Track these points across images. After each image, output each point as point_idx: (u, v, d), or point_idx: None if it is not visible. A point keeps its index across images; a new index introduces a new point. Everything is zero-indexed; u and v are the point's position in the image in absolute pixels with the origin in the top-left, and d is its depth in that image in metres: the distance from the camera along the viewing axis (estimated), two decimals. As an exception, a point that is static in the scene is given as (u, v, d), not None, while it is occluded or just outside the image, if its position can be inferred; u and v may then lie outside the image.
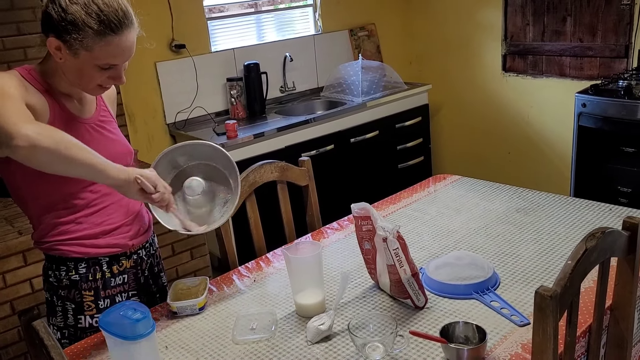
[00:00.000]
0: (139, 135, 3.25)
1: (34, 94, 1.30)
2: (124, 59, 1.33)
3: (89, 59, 1.29)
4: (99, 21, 1.25)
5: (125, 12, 1.29)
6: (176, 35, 3.27)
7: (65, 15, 1.25)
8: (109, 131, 1.47)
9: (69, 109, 1.38)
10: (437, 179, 2.29)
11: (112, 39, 1.27)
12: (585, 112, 2.85)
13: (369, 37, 4.16)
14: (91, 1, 1.25)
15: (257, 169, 1.93)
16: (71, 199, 1.39)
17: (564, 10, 3.33)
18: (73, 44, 1.26)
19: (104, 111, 1.49)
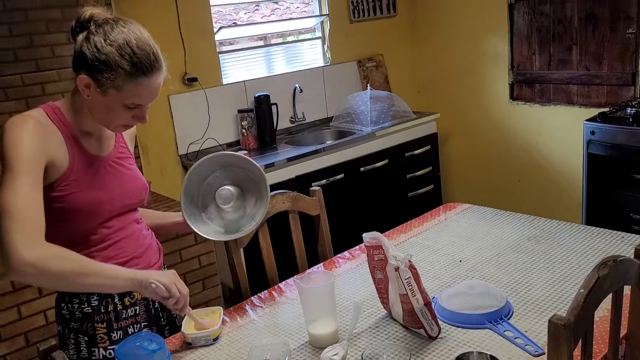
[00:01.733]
0: (152, 167, 3.29)
1: (55, 141, 1.33)
2: (150, 100, 1.37)
3: (117, 98, 1.32)
4: (131, 63, 1.29)
5: (156, 56, 1.34)
6: (189, 69, 3.34)
7: (99, 55, 1.29)
8: (125, 167, 1.50)
9: (87, 150, 1.41)
10: (447, 208, 2.30)
11: (142, 80, 1.32)
12: (594, 139, 2.87)
13: (377, 67, 4.22)
14: (126, 43, 1.29)
15: (270, 199, 1.95)
16: (87, 235, 1.41)
17: (570, 39, 3.37)
18: (104, 82, 1.30)
19: (122, 147, 1.52)
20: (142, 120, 1.41)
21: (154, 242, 1.61)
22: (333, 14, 3.93)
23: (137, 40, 1.31)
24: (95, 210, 1.40)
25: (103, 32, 1.30)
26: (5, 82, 2.70)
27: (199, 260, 2.89)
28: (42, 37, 2.78)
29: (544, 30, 3.49)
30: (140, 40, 1.32)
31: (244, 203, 1.62)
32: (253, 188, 1.62)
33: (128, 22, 1.35)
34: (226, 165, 1.61)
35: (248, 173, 1.60)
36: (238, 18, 5.17)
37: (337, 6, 3.94)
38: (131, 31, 1.32)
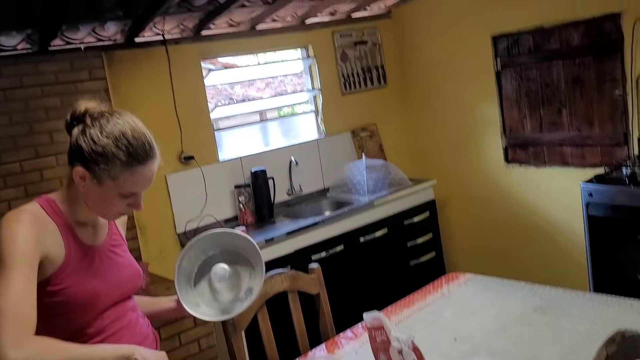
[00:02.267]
0: (149, 247, 3.27)
1: (51, 234, 1.34)
2: (145, 188, 1.39)
3: (112, 188, 1.34)
4: (127, 153, 1.32)
5: (151, 145, 1.37)
6: (185, 147, 3.39)
7: (96, 147, 1.31)
8: (119, 255, 1.50)
9: (82, 240, 1.41)
10: (449, 278, 2.26)
11: (138, 169, 1.34)
12: (593, 201, 2.86)
13: (371, 136, 4.28)
14: (122, 135, 1.32)
15: (268, 280, 1.92)
16: (84, 328, 1.39)
17: (558, 102, 3.44)
18: (100, 173, 1.32)
19: (115, 235, 1.53)
20: (137, 208, 1.42)
21: (150, 332, 1.58)
22: (325, 88, 4.03)
23: (132, 130, 1.34)
24: (92, 301, 1.38)
25: (99, 125, 1.33)
26: (4, 170, 2.74)
27: (199, 344, 2.82)
28: (41, 124, 2.84)
29: (533, 95, 3.56)
30: (136, 131, 1.35)
31: (238, 281, 1.58)
32: (247, 263, 1.59)
33: (122, 113, 1.38)
34: (219, 243, 1.59)
35: (240, 249, 1.58)
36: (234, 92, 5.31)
37: (329, 80, 4.05)
38: (126, 122, 1.35)
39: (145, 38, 3.23)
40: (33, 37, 2.81)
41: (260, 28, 3.68)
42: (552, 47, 3.40)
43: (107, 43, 3.12)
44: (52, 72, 2.88)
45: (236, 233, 1.58)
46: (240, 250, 1.58)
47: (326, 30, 4.03)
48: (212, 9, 3.13)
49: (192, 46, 3.42)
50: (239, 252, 1.58)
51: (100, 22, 2.87)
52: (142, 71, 3.23)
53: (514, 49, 3.60)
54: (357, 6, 3.95)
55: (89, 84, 2.96)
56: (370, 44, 4.27)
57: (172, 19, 3.15)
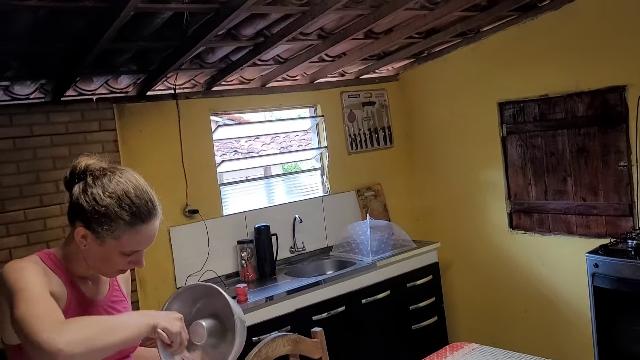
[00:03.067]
0: (148, 300, 3.21)
1: (54, 281, 1.32)
2: (148, 245, 1.38)
3: (114, 247, 1.32)
4: (131, 213, 1.31)
5: (153, 203, 1.36)
6: (190, 201, 3.39)
7: (98, 207, 1.29)
8: (119, 312, 1.47)
9: (84, 293, 1.39)
10: (454, 348, 2.21)
11: (141, 228, 1.33)
12: (599, 272, 2.83)
13: (376, 196, 4.28)
14: (125, 194, 1.31)
15: (270, 343, 1.87)
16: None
17: (563, 171, 3.45)
18: (102, 233, 1.30)
19: (116, 291, 1.50)
20: (139, 265, 1.40)
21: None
22: (332, 146, 4.06)
23: (135, 189, 1.33)
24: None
25: (101, 185, 1.32)
26: (7, 218, 2.73)
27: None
28: (48, 173, 2.85)
29: (538, 162, 3.59)
30: (138, 189, 1.34)
31: (219, 341, 1.43)
32: (228, 321, 1.43)
33: (124, 171, 1.37)
34: (201, 298, 1.47)
35: (220, 306, 1.44)
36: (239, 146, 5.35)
37: (336, 139, 4.09)
38: (128, 180, 1.34)
39: (156, 92, 3.29)
40: (46, 87, 2.86)
41: (270, 85, 3.75)
42: (557, 116, 3.45)
43: (118, 95, 3.17)
44: (63, 122, 2.92)
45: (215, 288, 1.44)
46: (222, 307, 1.43)
47: (335, 90, 4.10)
48: (224, 67, 3.20)
49: (202, 101, 3.48)
50: (220, 309, 1.44)
51: (114, 75, 2.93)
52: (152, 123, 3.28)
53: (520, 116, 3.65)
54: (366, 68, 4.04)
55: (98, 135, 2.99)
56: (378, 105, 4.34)
57: (185, 74, 3.21)
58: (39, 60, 2.55)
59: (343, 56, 3.61)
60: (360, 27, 2.97)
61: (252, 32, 2.75)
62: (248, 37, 2.80)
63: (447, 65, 4.05)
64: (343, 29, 3.04)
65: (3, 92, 2.78)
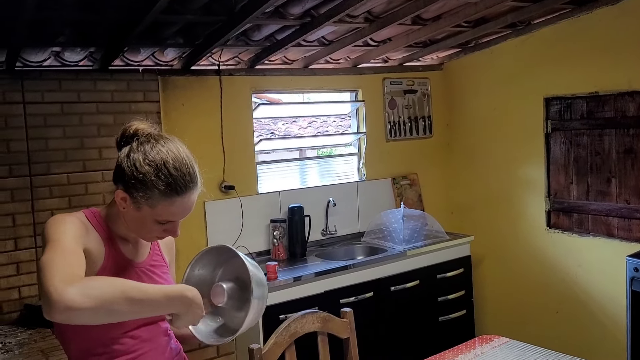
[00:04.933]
0: (180, 272, 3.24)
1: (94, 239, 1.35)
2: (183, 217, 1.39)
3: (150, 214, 1.34)
4: (166, 184, 1.32)
5: (192, 176, 1.36)
6: (227, 177, 3.42)
7: (137, 173, 1.31)
8: (158, 275, 1.49)
9: (123, 253, 1.42)
10: (483, 340, 2.18)
11: (176, 199, 1.34)
12: (639, 277, 2.75)
13: (411, 185, 4.25)
14: (163, 164, 1.32)
15: (299, 318, 1.88)
16: (111, 344, 1.37)
17: (608, 171, 3.35)
18: (138, 199, 1.33)
19: (156, 256, 1.53)
20: (174, 234, 1.42)
21: (182, 352, 1.55)
22: (370, 132, 4.04)
23: (174, 160, 1.33)
24: None
25: (143, 151, 1.33)
26: (51, 181, 2.80)
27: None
28: (92, 140, 2.91)
29: (582, 161, 3.49)
30: (177, 161, 1.34)
31: (241, 304, 1.43)
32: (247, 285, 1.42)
33: (169, 140, 1.38)
34: (224, 261, 1.51)
35: (242, 270, 1.43)
36: (276, 128, 5.37)
37: (375, 125, 4.06)
38: (170, 150, 1.34)
39: (201, 66, 3.32)
40: (95, 55, 2.91)
41: (312, 67, 3.74)
42: (606, 115, 3.34)
43: (164, 67, 3.21)
44: (109, 90, 2.97)
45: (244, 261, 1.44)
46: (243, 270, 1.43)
47: (377, 76, 4.07)
48: (269, 45, 3.20)
49: (244, 78, 3.49)
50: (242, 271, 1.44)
51: (161, 48, 2.97)
52: (194, 98, 3.31)
53: (566, 113, 3.55)
54: (410, 55, 3.99)
55: (142, 105, 3.04)
56: (420, 94, 4.28)
57: (229, 51, 3.23)
58: (89, 29, 2.59)
59: (388, 42, 3.57)
60: (409, 11, 2.92)
61: (299, 11, 2.74)
62: (295, 16, 2.79)
63: (493, 57, 3.96)
64: (391, 13, 3.00)
65: (54, 57, 2.85)
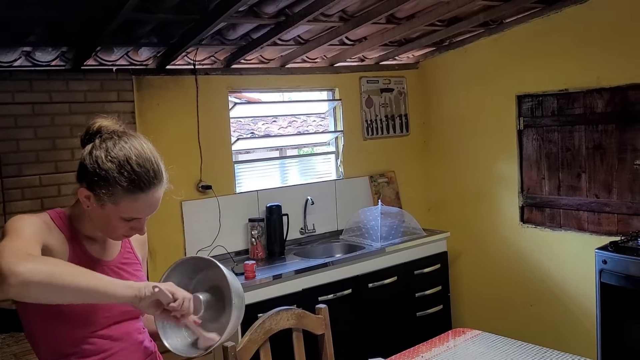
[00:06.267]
0: (157, 273, 3.26)
1: (57, 238, 1.34)
2: (148, 214, 1.38)
3: (114, 211, 1.34)
4: (129, 180, 1.31)
5: (156, 172, 1.35)
6: (204, 176, 3.42)
7: (99, 170, 1.31)
8: (129, 273, 1.48)
9: (89, 252, 1.41)
10: (456, 333, 2.22)
11: (140, 196, 1.33)
12: (607, 269, 2.82)
13: (389, 183, 4.29)
14: (126, 161, 1.31)
15: (274, 315, 1.90)
16: (80, 344, 1.36)
17: (578, 167, 3.43)
18: (102, 196, 1.32)
19: (128, 253, 1.52)
20: (141, 232, 1.41)
21: (155, 357, 1.55)
22: (347, 131, 4.07)
23: (137, 156, 1.33)
24: (91, 315, 1.36)
25: (105, 148, 1.33)
26: (23, 182, 2.78)
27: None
28: (65, 140, 2.89)
29: (553, 157, 3.57)
30: (141, 157, 1.33)
31: (217, 315, 1.43)
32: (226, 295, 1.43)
33: (132, 137, 1.37)
34: (200, 271, 1.49)
35: (219, 280, 1.44)
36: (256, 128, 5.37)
37: (352, 123, 4.09)
38: (133, 147, 1.34)
39: (176, 66, 3.32)
40: (67, 55, 2.89)
41: (289, 66, 3.75)
42: (575, 111, 3.42)
43: (138, 67, 3.20)
44: (82, 90, 2.95)
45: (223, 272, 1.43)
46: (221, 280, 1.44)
47: (354, 75, 4.10)
48: (244, 44, 3.21)
49: (221, 78, 3.50)
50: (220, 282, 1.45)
51: (135, 47, 2.96)
52: (170, 97, 3.30)
53: (538, 110, 3.62)
54: (386, 54, 4.03)
55: (116, 105, 3.03)
56: (396, 92, 4.33)
57: (205, 50, 3.23)
58: (60, 28, 2.57)
59: (364, 40, 3.60)
60: (383, 10, 2.96)
61: (274, 10, 2.76)
62: (270, 15, 2.81)
63: (467, 56, 4.02)
64: (365, 12, 3.03)
65: (24, 57, 2.82)
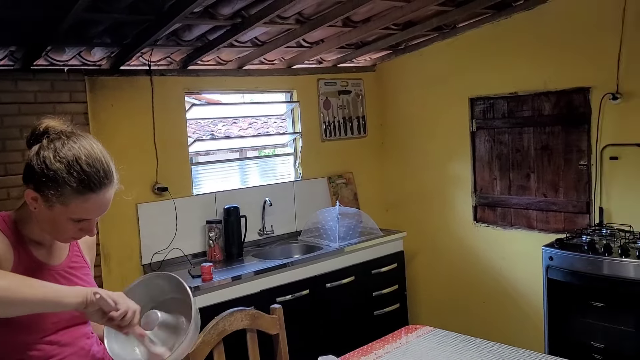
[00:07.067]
0: (112, 276, 3.22)
1: (2, 242, 1.31)
2: (98, 215, 1.36)
3: (63, 213, 1.31)
4: (79, 180, 1.29)
5: (106, 172, 1.33)
6: (160, 178, 3.39)
7: (47, 171, 1.28)
8: (78, 277, 1.46)
9: (36, 257, 1.38)
10: (409, 330, 2.27)
11: (90, 196, 1.31)
12: (553, 265, 2.93)
13: (347, 184, 4.34)
14: (75, 161, 1.29)
15: (227, 316, 1.91)
16: (27, 350, 1.33)
17: (527, 167, 3.55)
18: (50, 197, 1.29)
19: (76, 257, 1.49)
20: (90, 233, 1.39)
21: (107, 358, 1.53)
22: (306, 132, 4.10)
23: (87, 156, 1.31)
24: (37, 321, 1.33)
25: (53, 148, 1.30)
26: (-29, 186, 2.70)
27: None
28: (14, 142, 2.82)
29: (504, 158, 3.68)
30: (91, 157, 1.32)
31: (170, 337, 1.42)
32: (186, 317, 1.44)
33: (81, 137, 1.35)
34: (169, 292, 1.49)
35: (180, 305, 1.45)
36: (216, 130, 5.35)
37: (310, 125, 4.12)
38: (82, 147, 1.32)
39: (131, 67, 3.28)
40: (16, 54, 2.83)
41: (247, 68, 3.76)
42: (524, 114, 3.54)
43: (91, 67, 3.15)
44: (32, 91, 2.88)
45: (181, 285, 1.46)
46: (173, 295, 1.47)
47: (312, 77, 4.13)
48: (200, 45, 3.20)
49: (177, 79, 3.48)
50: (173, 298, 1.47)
51: (87, 47, 2.91)
52: (124, 98, 3.26)
53: (490, 112, 3.73)
54: (344, 57, 4.08)
55: (68, 106, 2.97)
56: (354, 94, 4.38)
57: (160, 51, 3.21)
58: (9, 27, 2.51)
59: (321, 43, 3.64)
60: (339, 13, 3.00)
61: (229, 11, 2.76)
62: (226, 16, 2.81)
63: (422, 59, 4.11)
64: (321, 15, 3.07)
65: (-28, 57, 2.75)
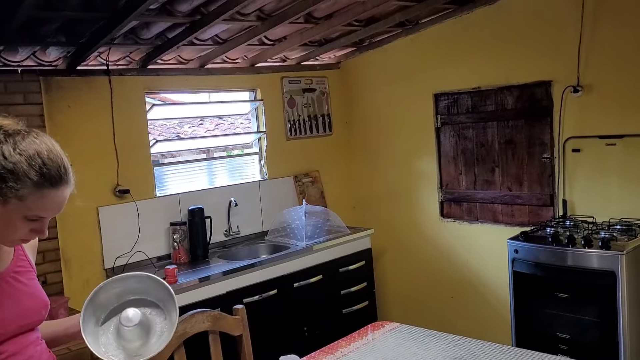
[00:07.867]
0: (74, 282, 3.12)
1: None
2: (54, 214, 1.31)
3: (19, 209, 1.26)
4: (40, 174, 1.25)
5: (66, 169, 1.30)
6: (121, 180, 3.30)
7: (5, 163, 1.23)
8: (23, 283, 1.40)
9: None
10: (375, 327, 2.26)
11: (49, 192, 1.27)
12: (518, 257, 2.95)
13: (313, 183, 4.31)
14: (37, 154, 1.25)
15: (188, 318, 1.86)
16: None
17: (492, 162, 3.58)
18: (7, 192, 1.23)
19: (22, 261, 1.43)
20: (42, 234, 1.34)
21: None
22: (270, 131, 4.06)
23: (48, 152, 1.27)
24: None
25: (13, 142, 1.26)
26: None
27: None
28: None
29: (469, 153, 3.70)
30: (52, 152, 1.28)
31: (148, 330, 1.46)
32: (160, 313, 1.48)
33: (40, 134, 1.31)
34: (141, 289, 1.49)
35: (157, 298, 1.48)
36: (182, 131, 5.27)
37: (275, 124, 4.08)
38: (43, 142, 1.28)
39: (88, 66, 3.19)
40: (-33, 55, 2.73)
41: (209, 67, 3.70)
42: (488, 108, 3.56)
43: (47, 68, 3.06)
44: (-16, 92, 2.78)
45: (147, 276, 1.49)
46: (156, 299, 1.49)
47: (275, 75, 4.09)
48: (160, 44, 3.13)
49: (137, 79, 3.40)
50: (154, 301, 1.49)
51: (42, 47, 2.82)
52: (82, 99, 3.17)
53: (454, 108, 3.75)
54: (307, 54, 4.05)
55: (22, 108, 2.87)
56: (318, 92, 4.36)
57: (118, 50, 3.13)
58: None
59: (283, 40, 3.60)
60: (299, 9, 2.97)
61: (187, 8, 2.70)
62: (184, 13, 2.75)
63: (387, 55, 4.11)
64: (282, 11, 3.03)
65: None
